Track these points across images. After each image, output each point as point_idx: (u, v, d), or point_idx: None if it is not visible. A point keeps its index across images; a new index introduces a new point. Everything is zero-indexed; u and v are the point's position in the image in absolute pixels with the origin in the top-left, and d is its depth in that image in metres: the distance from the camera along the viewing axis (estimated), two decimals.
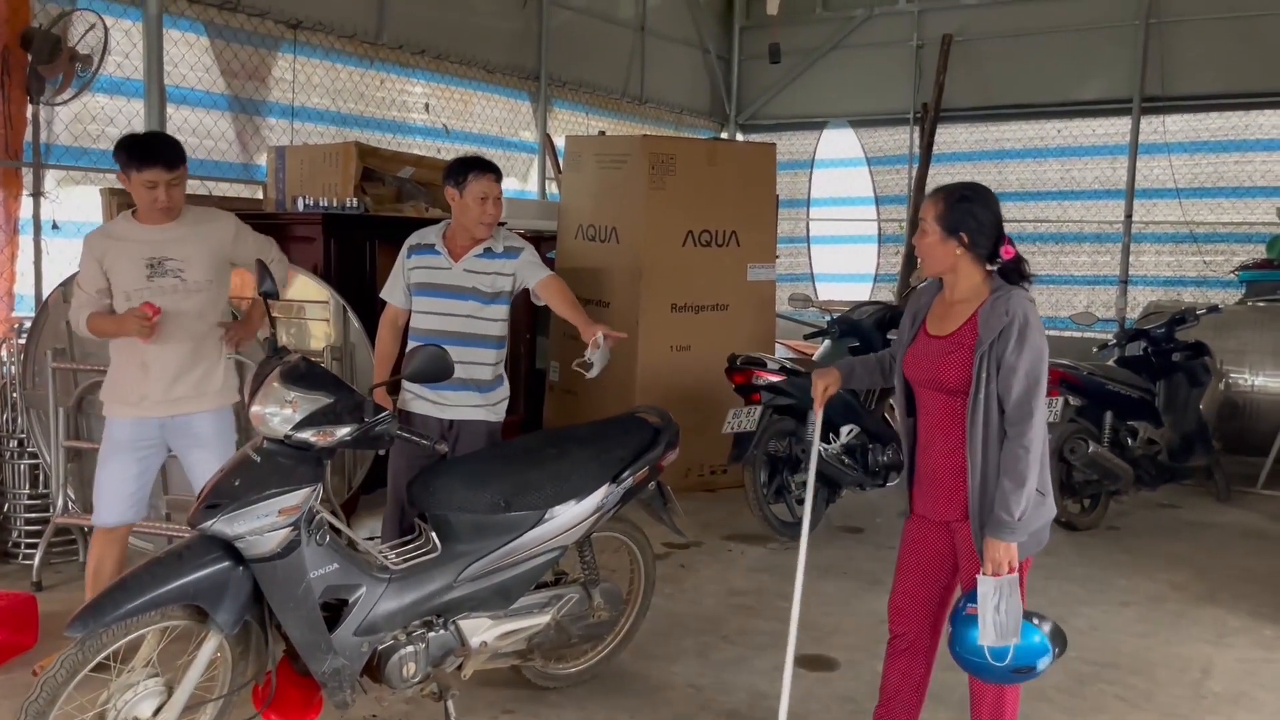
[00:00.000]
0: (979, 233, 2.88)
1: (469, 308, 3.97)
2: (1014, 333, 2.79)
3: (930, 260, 2.96)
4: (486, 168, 4.01)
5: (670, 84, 11.58)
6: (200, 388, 3.82)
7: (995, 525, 2.81)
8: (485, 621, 3.34)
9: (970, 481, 2.87)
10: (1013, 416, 2.81)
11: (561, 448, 3.59)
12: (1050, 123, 10.87)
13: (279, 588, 2.87)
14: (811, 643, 4.35)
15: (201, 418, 3.82)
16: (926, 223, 2.93)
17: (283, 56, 7.35)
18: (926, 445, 3.04)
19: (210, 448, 3.81)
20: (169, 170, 3.68)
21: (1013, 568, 2.81)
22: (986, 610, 2.78)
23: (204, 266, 3.80)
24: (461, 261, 3.98)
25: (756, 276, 7.06)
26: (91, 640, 2.70)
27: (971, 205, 2.89)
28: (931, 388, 2.98)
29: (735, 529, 5.95)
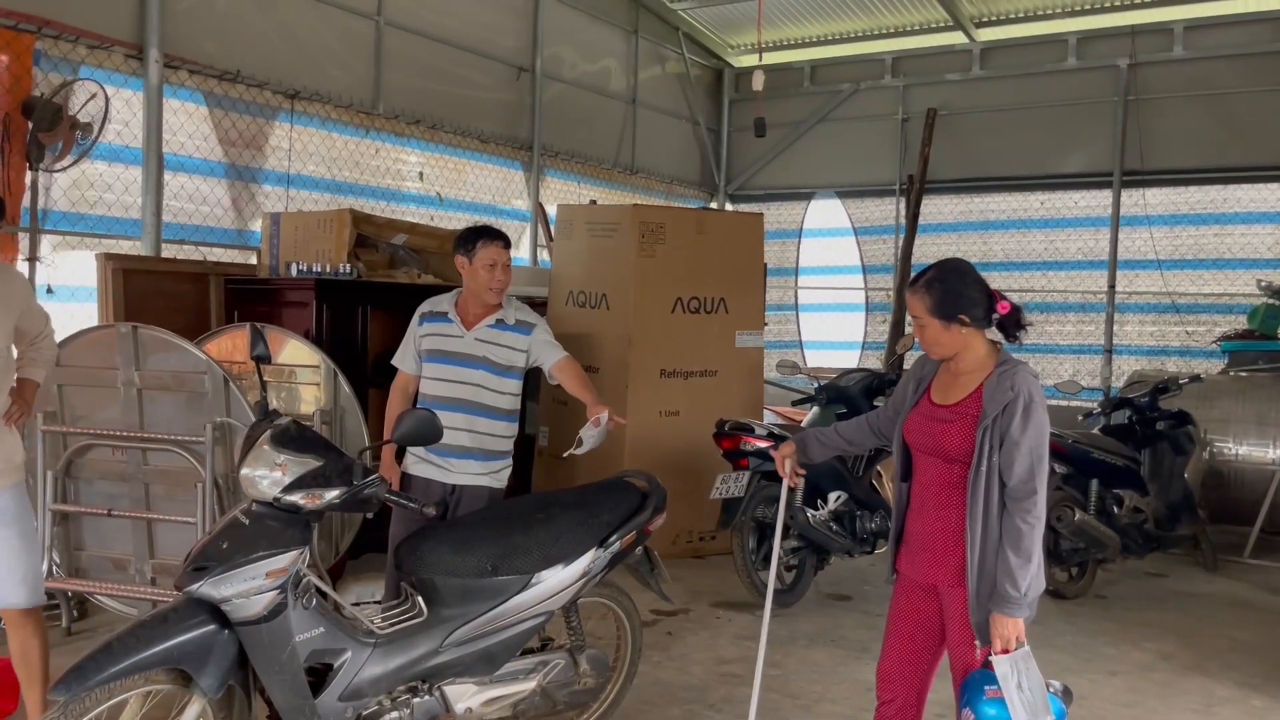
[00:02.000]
0: (975, 306, 2.92)
1: (478, 376, 4.01)
2: (1019, 409, 2.83)
3: (940, 349, 2.98)
4: (495, 235, 4.09)
5: (661, 155, 11.79)
6: (3, 464, 3.48)
7: (1001, 601, 2.82)
8: (470, 687, 3.32)
9: (969, 553, 2.89)
10: (1017, 492, 2.84)
11: (549, 512, 3.60)
12: (1034, 195, 11.07)
13: (264, 651, 2.87)
14: (799, 711, 4.32)
15: (4, 495, 3.48)
16: (922, 319, 2.96)
17: (280, 125, 7.49)
18: (919, 509, 3.07)
19: (12, 525, 3.49)
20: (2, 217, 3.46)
21: (1021, 641, 2.82)
22: (1010, 691, 2.78)
23: (3, 331, 3.47)
24: (474, 330, 4.04)
25: (745, 343, 7.14)
26: (74, 704, 2.68)
27: (954, 284, 2.94)
28: (931, 454, 3.01)
29: (723, 596, 5.93)
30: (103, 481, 4.84)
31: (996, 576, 2.84)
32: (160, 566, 4.81)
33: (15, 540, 3.51)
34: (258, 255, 6.62)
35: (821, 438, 3.44)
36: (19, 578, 3.52)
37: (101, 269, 5.74)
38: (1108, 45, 10.44)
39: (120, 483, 4.82)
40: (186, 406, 4.67)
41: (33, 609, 3.60)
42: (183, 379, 4.66)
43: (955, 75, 11.29)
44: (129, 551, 4.87)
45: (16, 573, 3.52)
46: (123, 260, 5.89)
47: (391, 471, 4.07)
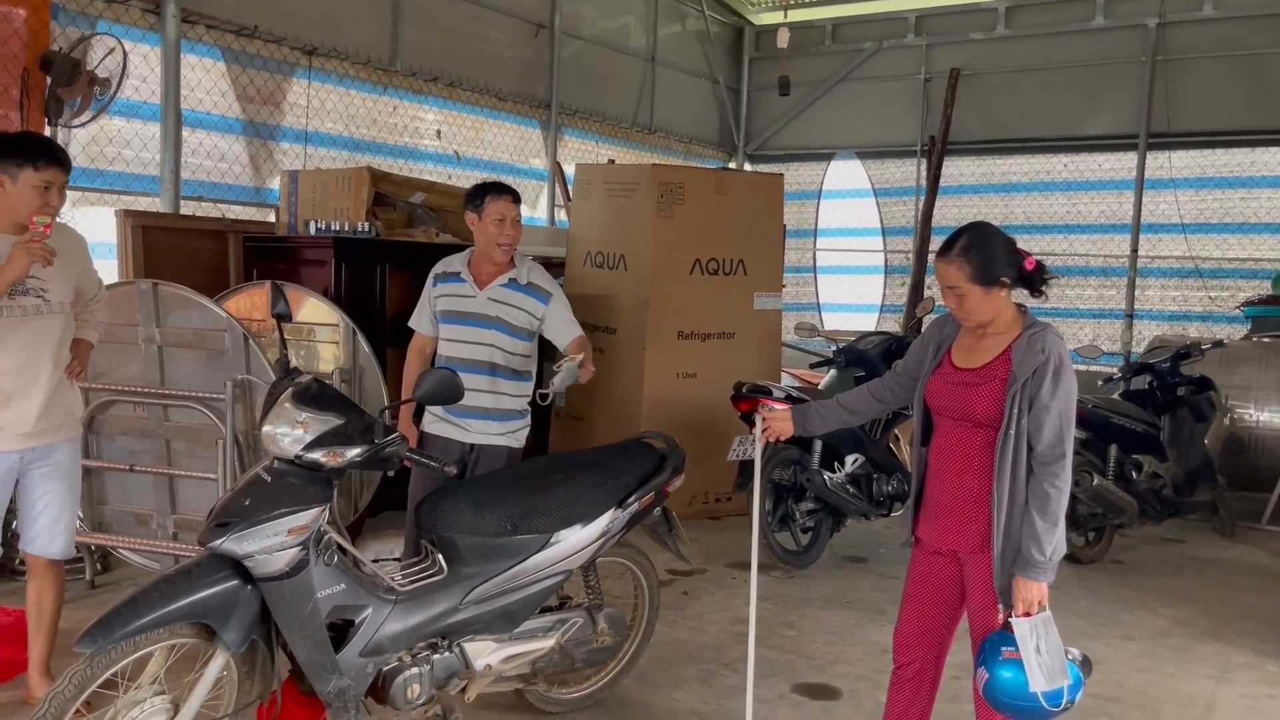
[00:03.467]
0: (1010, 267, 2.88)
1: (492, 337, 4.00)
2: (1049, 372, 2.80)
3: (978, 315, 2.91)
4: (504, 190, 4.06)
5: (679, 114, 11.68)
6: (62, 416, 3.60)
7: (1026, 565, 2.81)
8: (490, 644, 3.35)
9: (995, 516, 2.87)
10: (1045, 456, 2.81)
11: (568, 473, 3.61)
12: (1057, 157, 10.93)
13: (286, 607, 2.89)
14: (814, 672, 4.35)
15: (60, 448, 3.61)
16: (961, 287, 2.88)
17: (297, 82, 7.44)
18: (939, 474, 3.04)
19: (65, 480, 3.63)
20: (66, 171, 3.46)
21: (1043, 606, 2.82)
22: (1029, 654, 2.77)
23: (64, 288, 3.55)
24: (486, 290, 4.02)
25: (763, 305, 7.10)
26: (100, 656, 2.72)
27: (989, 248, 2.88)
28: (955, 418, 2.97)
29: (739, 557, 5.95)
30: (125, 437, 4.88)
31: (1022, 540, 2.83)
32: (182, 521, 4.86)
33: (64, 494, 3.63)
34: (276, 213, 6.61)
35: (821, 411, 3.37)
36: (59, 529, 3.63)
37: (121, 226, 5.75)
38: (1136, 4, 10.23)
39: (142, 439, 4.86)
40: (207, 363, 4.69)
41: (59, 560, 3.69)
42: (203, 336, 4.68)
43: (979, 34, 11.11)
44: (151, 506, 4.91)
45: (58, 524, 3.63)
46: (142, 217, 5.90)
47: (409, 431, 4.08)
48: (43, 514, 3.60)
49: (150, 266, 5.70)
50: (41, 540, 3.62)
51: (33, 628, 3.72)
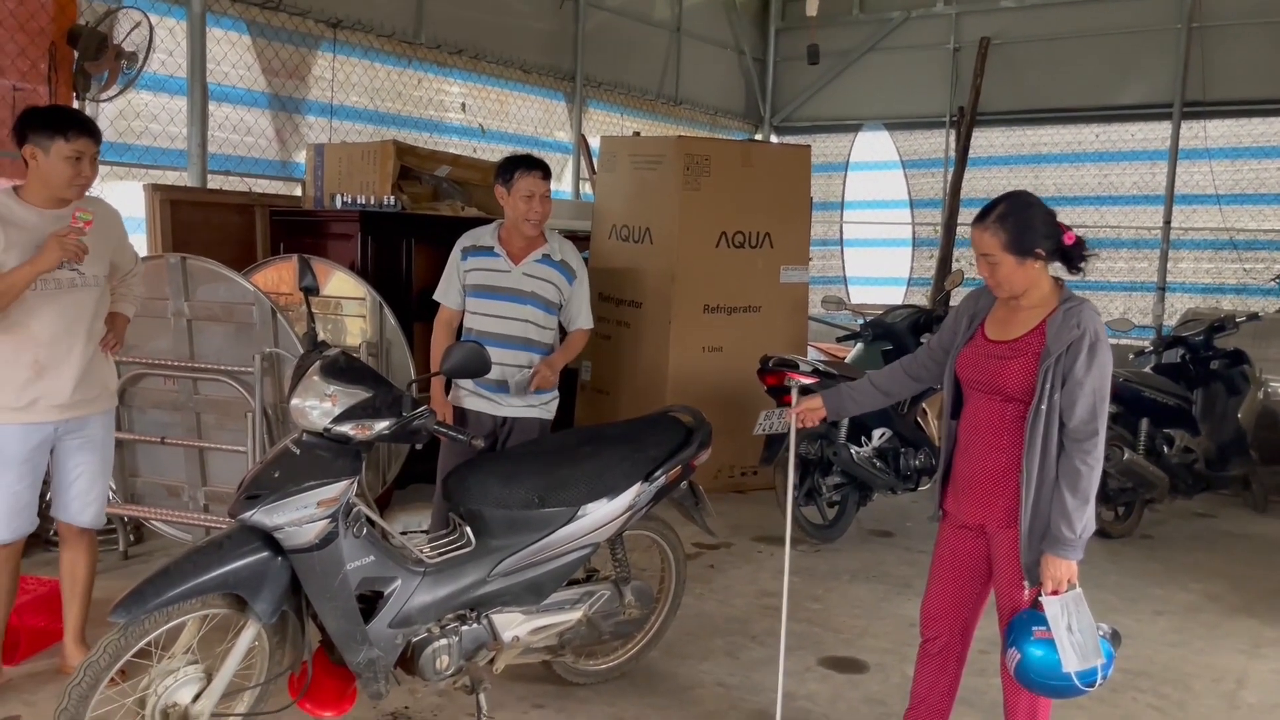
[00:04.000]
0: (1047, 239, 2.83)
1: (528, 312, 4.01)
2: (1084, 347, 2.75)
3: (1011, 286, 2.87)
4: (534, 165, 4.04)
5: (705, 85, 11.59)
6: (98, 388, 3.63)
7: (1055, 542, 2.77)
8: (518, 616, 3.36)
9: (1024, 492, 2.83)
10: (1077, 433, 2.77)
11: (595, 446, 3.61)
12: (1088, 127, 10.77)
13: (316, 578, 2.91)
14: (841, 645, 4.35)
15: (94, 420, 3.64)
16: (994, 256, 2.83)
17: (322, 55, 7.44)
18: (967, 448, 3.01)
19: (98, 451, 3.68)
20: (96, 142, 3.45)
21: (1072, 584, 2.79)
22: (1061, 633, 2.75)
23: (98, 262, 3.55)
24: (522, 265, 4.02)
25: (790, 279, 7.06)
26: (133, 626, 2.75)
27: (1027, 218, 2.83)
28: (986, 391, 2.93)
29: (765, 531, 5.95)
30: (156, 410, 4.92)
31: (1051, 517, 2.79)
32: (212, 494, 4.90)
33: (97, 465, 3.68)
34: (302, 187, 6.62)
35: (854, 393, 3.33)
36: (90, 498, 3.69)
37: (149, 200, 5.77)
38: None
39: (173, 411, 4.90)
40: (235, 337, 4.71)
41: (91, 529, 3.74)
42: (231, 310, 4.70)
43: (1010, 2, 10.94)
44: (182, 479, 4.96)
45: (89, 494, 3.68)
46: (170, 191, 5.92)
47: (443, 406, 4.09)
48: (75, 483, 3.65)
49: (178, 240, 5.73)
50: (74, 508, 3.68)
51: (67, 596, 3.78)
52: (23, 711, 3.47)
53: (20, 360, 3.42)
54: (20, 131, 3.39)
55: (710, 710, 3.71)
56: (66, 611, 3.78)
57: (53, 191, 3.42)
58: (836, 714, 3.73)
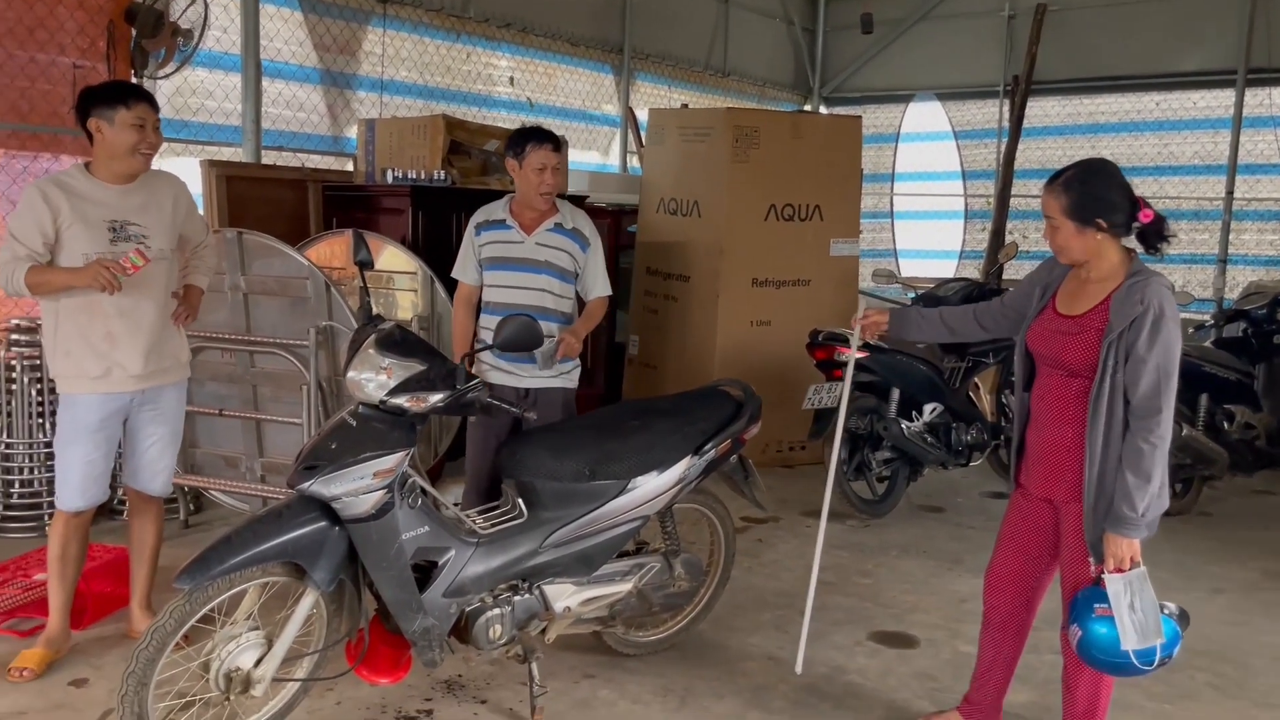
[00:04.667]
0: (1114, 211, 2.79)
1: (543, 281, 4.02)
2: (1147, 323, 2.70)
3: (1069, 252, 2.86)
4: (545, 138, 4.01)
5: (753, 56, 11.47)
6: (170, 359, 3.71)
7: (1117, 521, 2.75)
8: (569, 587, 3.40)
9: (1088, 469, 2.81)
10: (1140, 410, 2.73)
11: (645, 419, 3.62)
12: (1148, 95, 10.50)
13: (373, 548, 2.97)
14: (891, 620, 4.34)
15: (168, 391, 3.74)
16: (1055, 219, 2.83)
17: (373, 30, 7.48)
18: (1038, 420, 3.00)
19: (170, 423, 3.77)
20: (155, 109, 3.52)
21: (1135, 562, 2.76)
22: (1122, 611, 2.73)
23: (165, 235, 3.62)
24: (534, 235, 4.03)
25: (839, 252, 6.99)
26: (198, 593, 2.83)
27: (1095, 186, 2.81)
28: (1052, 365, 2.93)
29: (813, 505, 5.93)
30: (213, 383, 5.01)
31: (1114, 496, 2.76)
32: (269, 464, 5.00)
33: (168, 435, 3.78)
34: (354, 162, 6.68)
35: (923, 316, 3.38)
36: (159, 467, 3.79)
37: (205, 175, 5.85)
38: None
39: (230, 384, 4.99)
40: (290, 310, 4.78)
41: (159, 498, 3.86)
42: (286, 284, 4.76)
43: None
44: (239, 450, 5.06)
45: (159, 463, 3.79)
46: (225, 167, 6.00)
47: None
48: (147, 453, 3.75)
49: (234, 215, 5.81)
50: (143, 476, 3.78)
51: (135, 562, 3.89)
52: (90, 674, 3.59)
53: (94, 331, 3.50)
54: (83, 109, 3.47)
55: (759, 683, 3.72)
56: (134, 577, 3.89)
57: (120, 162, 3.49)
58: (886, 688, 3.72)
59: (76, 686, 3.50)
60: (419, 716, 3.38)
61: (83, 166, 3.54)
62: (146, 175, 3.62)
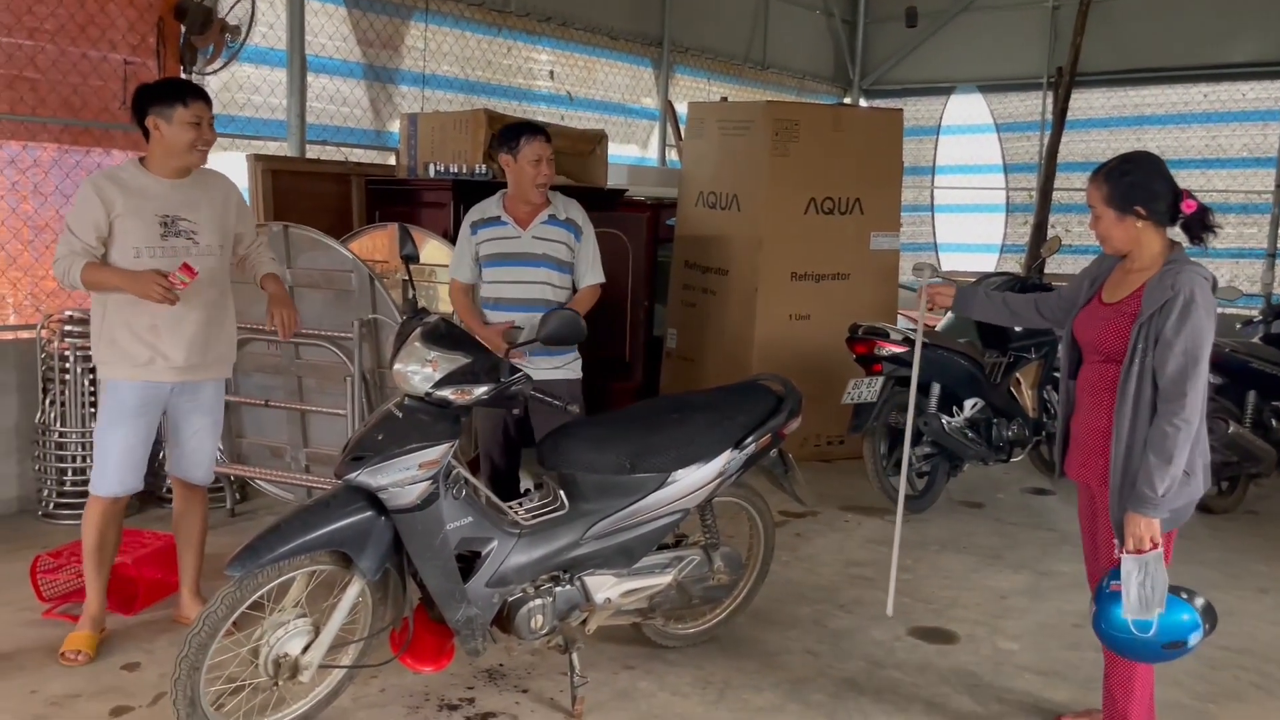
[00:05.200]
0: (1155, 200, 2.86)
1: (542, 274, 4.10)
2: (1176, 307, 2.75)
3: (1110, 241, 2.95)
4: (537, 131, 4.13)
5: (793, 48, 11.41)
6: (212, 355, 3.75)
7: (1136, 500, 2.79)
8: (609, 579, 3.43)
9: (1114, 450, 2.87)
10: (1166, 393, 2.78)
11: (685, 413, 3.64)
12: (1195, 87, 10.33)
13: (418, 538, 3.01)
14: (930, 615, 4.33)
15: (207, 385, 3.79)
16: (1097, 208, 2.92)
17: (415, 25, 7.54)
18: (1080, 407, 3.08)
19: (210, 414, 3.83)
20: (209, 106, 3.59)
21: (1155, 544, 2.78)
22: (1130, 585, 2.77)
23: (215, 231, 3.68)
24: (530, 229, 4.11)
25: (880, 245, 6.96)
26: (248, 580, 2.89)
27: (1136, 175, 2.88)
28: (1092, 352, 3.01)
29: (851, 500, 5.93)
30: (260, 374, 5.10)
31: (1137, 476, 2.80)
32: (313, 455, 5.08)
33: (209, 426, 3.86)
34: (396, 156, 6.75)
35: (987, 296, 3.48)
36: (203, 457, 3.88)
37: (252, 169, 5.94)
38: None
39: (276, 375, 5.07)
40: (335, 303, 4.85)
41: (202, 486, 3.94)
42: (331, 277, 4.83)
43: None
44: (284, 440, 5.14)
45: (200, 453, 3.86)
46: (271, 161, 6.09)
47: None
48: (189, 442, 3.83)
49: (279, 209, 5.90)
50: (185, 464, 3.86)
51: (182, 550, 3.97)
52: (142, 658, 3.67)
53: (139, 322, 3.57)
54: (140, 107, 3.54)
55: (798, 677, 3.73)
56: (182, 565, 3.98)
57: (176, 158, 3.57)
58: (925, 683, 3.72)
59: (129, 670, 3.58)
60: (461, 705, 3.43)
61: (137, 161, 3.62)
62: (199, 172, 3.69)
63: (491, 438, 4.25)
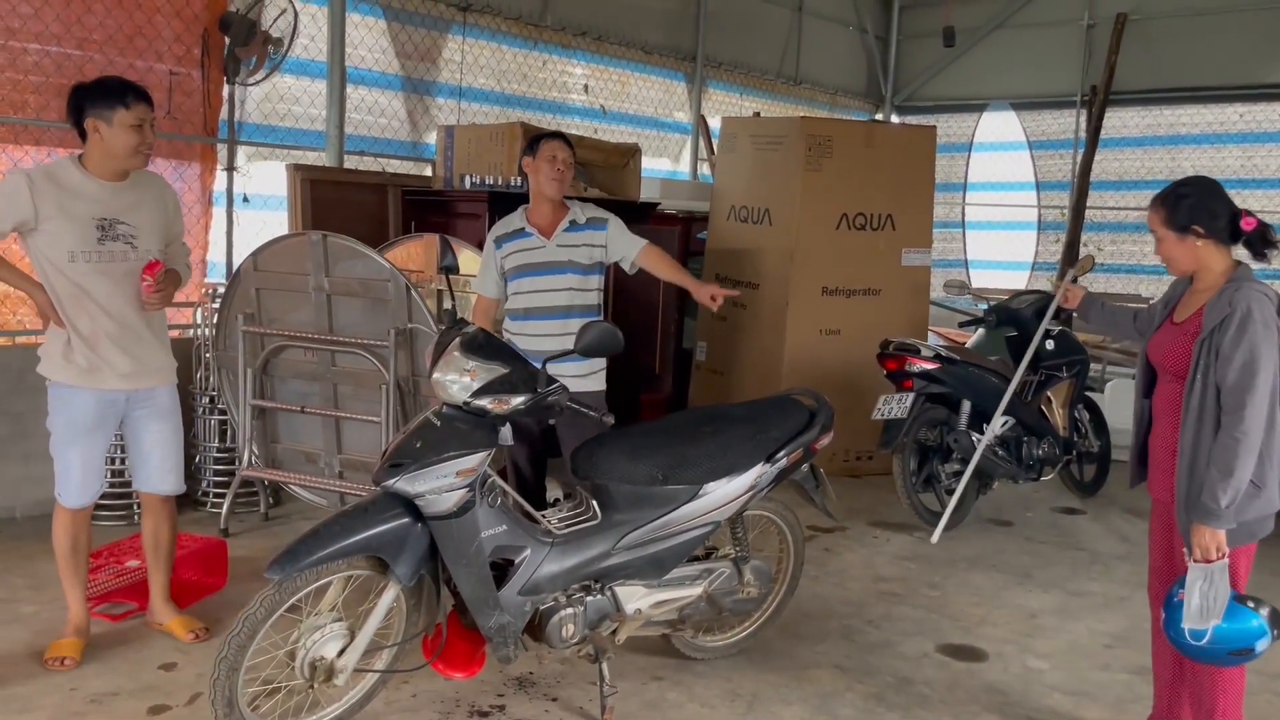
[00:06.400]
0: (1212, 218, 2.95)
1: (569, 281, 4.17)
2: (1234, 323, 2.83)
3: (1174, 262, 3.06)
4: (557, 134, 4.31)
5: (826, 64, 11.45)
6: (155, 362, 3.70)
7: (1201, 511, 2.86)
8: (640, 589, 3.46)
9: (1179, 465, 2.95)
10: (1226, 405, 2.85)
11: (718, 426, 3.66)
12: (1232, 106, 10.26)
13: (453, 545, 3.05)
14: (959, 633, 4.32)
15: (162, 391, 3.74)
16: (1159, 231, 3.04)
17: (452, 38, 7.64)
18: (1155, 425, 3.18)
19: (168, 419, 3.77)
20: (152, 107, 3.50)
21: (1222, 554, 2.83)
22: (1193, 593, 2.85)
23: (154, 235, 3.62)
24: (554, 238, 4.20)
25: (911, 261, 6.96)
26: (287, 583, 2.94)
27: (1192, 196, 2.99)
28: (1162, 371, 3.11)
29: (880, 516, 5.92)
30: (296, 380, 5.16)
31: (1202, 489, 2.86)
32: (347, 461, 5.13)
33: (170, 433, 3.80)
34: (432, 167, 6.82)
35: (1102, 306, 3.67)
36: (169, 466, 3.82)
37: (291, 179, 6.03)
38: None
39: (311, 382, 5.13)
40: (371, 311, 4.91)
41: (172, 497, 3.89)
42: (368, 285, 4.89)
43: None
44: (319, 446, 5.20)
45: (168, 461, 3.81)
46: (310, 171, 6.17)
47: None
48: (153, 453, 3.77)
49: (317, 218, 5.98)
50: (154, 479, 3.80)
51: (151, 561, 3.90)
52: (179, 659, 3.73)
53: (81, 326, 3.52)
54: (77, 105, 3.42)
55: (826, 690, 3.74)
56: (152, 575, 3.91)
57: (117, 162, 3.49)
58: (954, 700, 3.72)
59: (166, 670, 3.64)
60: (491, 712, 3.46)
61: (76, 159, 3.50)
62: (138, 174, 3.61)
63: (520, 447, 4.30)
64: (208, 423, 5.46)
